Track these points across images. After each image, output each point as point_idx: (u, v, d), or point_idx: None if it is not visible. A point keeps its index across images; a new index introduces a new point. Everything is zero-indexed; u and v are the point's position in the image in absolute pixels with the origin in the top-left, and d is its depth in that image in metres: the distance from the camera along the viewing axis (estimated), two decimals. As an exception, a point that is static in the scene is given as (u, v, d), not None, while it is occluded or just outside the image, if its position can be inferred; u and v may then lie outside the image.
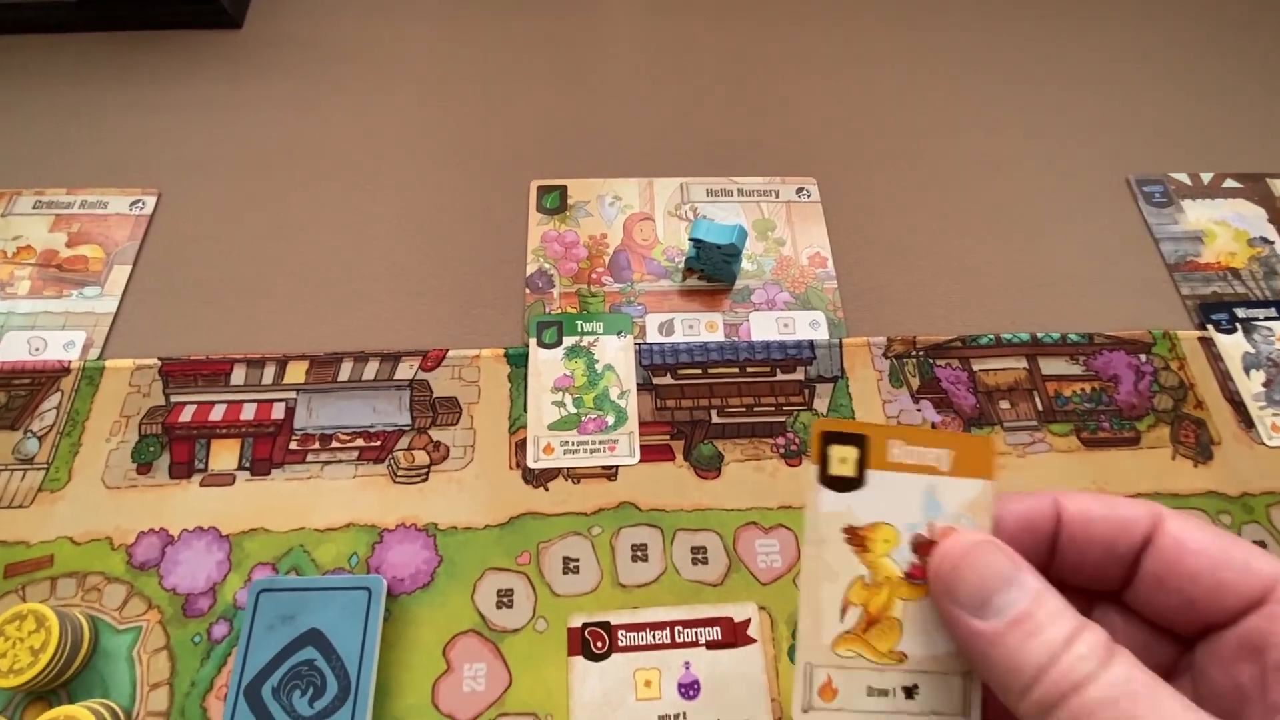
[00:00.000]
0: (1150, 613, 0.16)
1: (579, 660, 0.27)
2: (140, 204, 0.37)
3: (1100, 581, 0.17)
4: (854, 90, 0.44)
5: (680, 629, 0.27)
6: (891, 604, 0.17)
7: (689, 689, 0.27)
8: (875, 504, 0.17)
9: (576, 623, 0.27)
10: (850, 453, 0.17)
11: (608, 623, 0.27)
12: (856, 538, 0.17)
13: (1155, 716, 0.13)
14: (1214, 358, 0.35)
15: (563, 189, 0.39)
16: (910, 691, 0.17)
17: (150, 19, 0.43)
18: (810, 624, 0.17)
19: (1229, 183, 0.41)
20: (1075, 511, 0.16)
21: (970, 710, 0.17)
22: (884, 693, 0.17)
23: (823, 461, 0.17)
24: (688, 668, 0.27)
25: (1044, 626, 0.14)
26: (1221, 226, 0.39)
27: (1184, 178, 0.41)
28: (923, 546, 0.17)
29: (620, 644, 0.27)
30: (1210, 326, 0.35)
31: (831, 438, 0.17)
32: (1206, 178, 0.41)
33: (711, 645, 0.27)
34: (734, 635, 0.27)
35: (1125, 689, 0.13)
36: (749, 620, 0.28)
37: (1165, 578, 0.16)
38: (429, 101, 0.42)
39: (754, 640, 0.27)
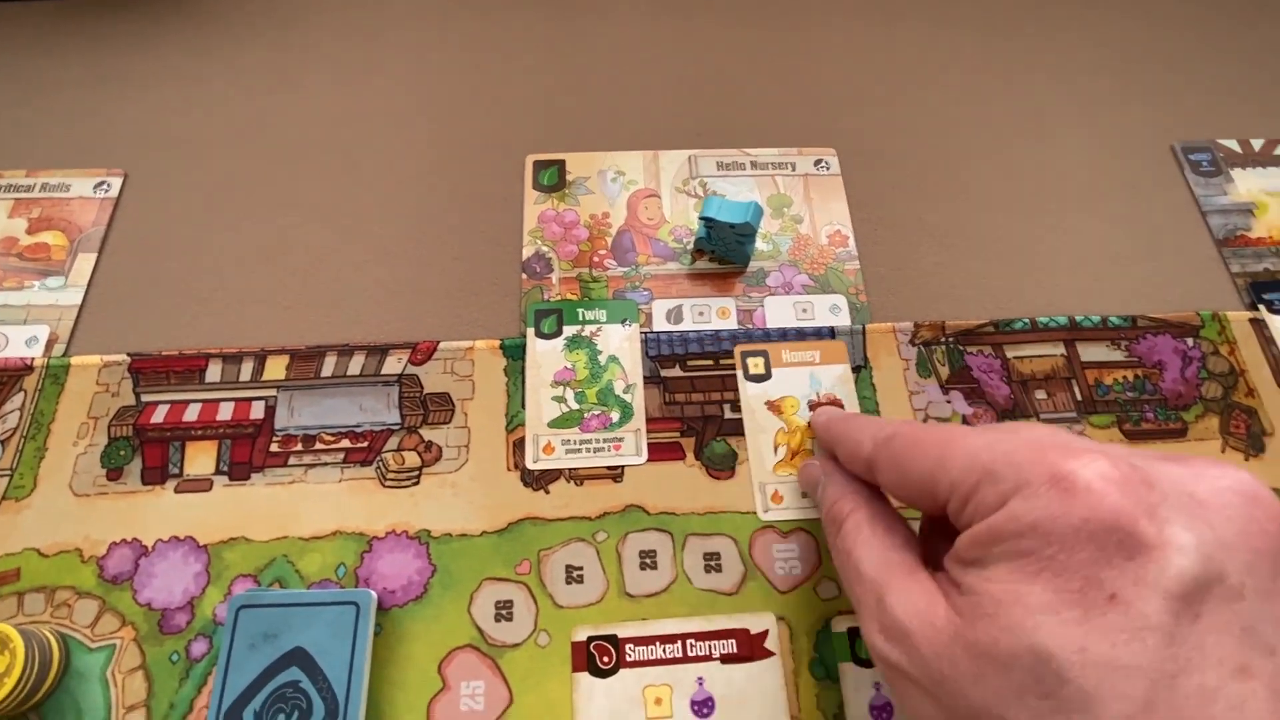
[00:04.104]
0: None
1: (584, 676, 0.25)
2: (105, 186, 0.34)
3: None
4: (877, 53, 0.40)
5: (693, 642, 0.26)
6: (804, 441, 0.29)
7: (702, 706, 0.25)
8: (780, 386, 0.30)
9: (581, 636, 0.26)
10: (759, 360, 0.30)
11: (614, 636, 0.26)
12: (774, 406, 0.29)
13: (862, 544, 0.21)
14: (1267, 341, 0.32)
15: (561, 164, 0.36)
16: None
17: (113, -17, 0.40)
18: (757, 460, 0.28)
19: (1282, 149, 0.37)
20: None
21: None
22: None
23: (744, 368, 0.30)
24: (701, 684, 0.25)
25: (831, 496, 0.24)
26: (1274, 197, 0.36)
27: (1233, 144, 0.38)
28: (815, 406, 0.29)
29: (628, 659, 0.25)
30: (1263, 307, 0.33)
31: (746, 353, 0.30)
32: (1258, 144, 0.38)
33: (726, 659, 0.25)
34: (750, 648, 0.26)
35: (853, 528, 0.22)
36: (766, 632, 0.26)
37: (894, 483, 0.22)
38: (415, 70, 0.39)
39: (772, 653, 0.25)
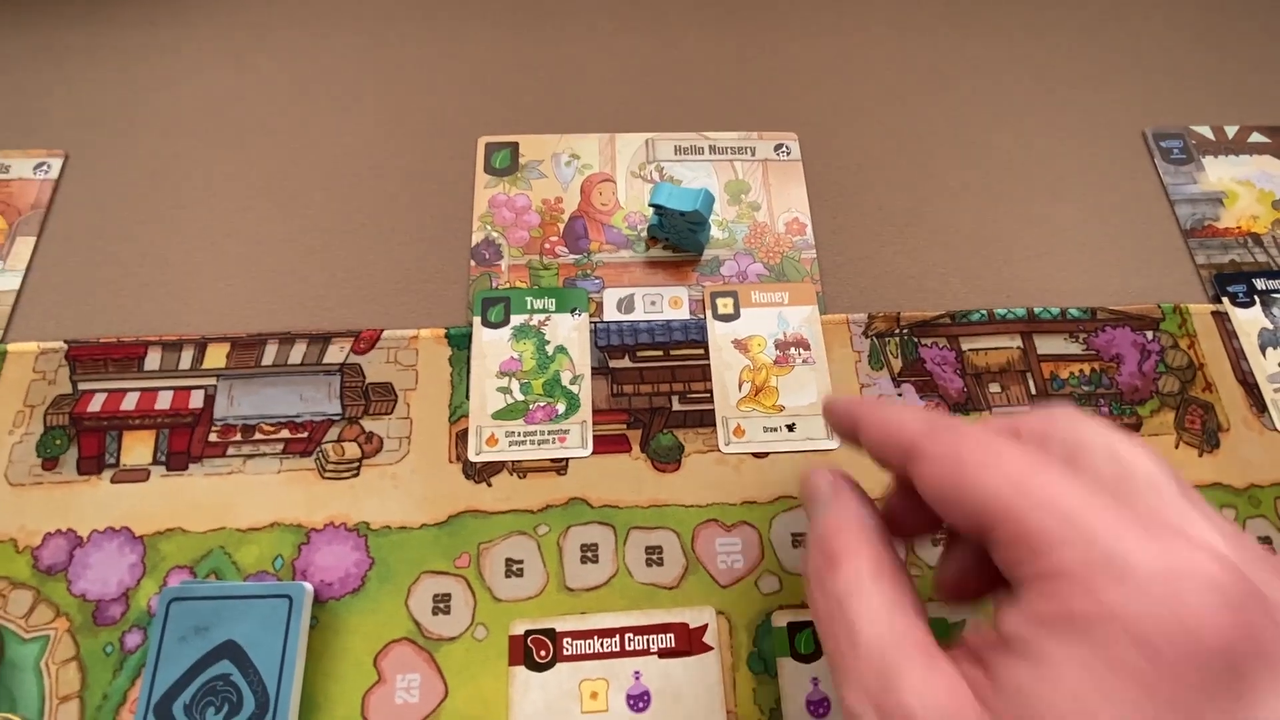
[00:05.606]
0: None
1: (520, 670, 0.25)
2: (45, 167, 0.33)
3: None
4: (840, 36, 0.39)
5: (631, 636, 0.25)
6: (769, 378, 0.29)
7: (638, 701, 0.25)
8: (749, 325, 0.30)
9: (518, 630, 0.25)
10: (728, 301, 0.31)
11: (552, 630, 0.25)
12: (740, 344, 0.30)
13: (861, 598, 0.17)
14: (1228, 334, 0.32)
15: (514, 146, 0.35)
16: (791, 427, 0.28)
17: (56, -47, 0.39)
18: (721, 395, 0.29)
19: (1256, 136, 0.37)
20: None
21: (831, 437, 0.28)
22: (774, 429, 0.28)
23: (713, 308, 0.30)
24: (638, 678, 0.25)
25: (830, 524, 0.19)
26: (1245, 186, 0.35)
27: (1206, 131, 0.37)
28: (781, 345, 0.30)
29: (565, 653, 0.25)
30: (1226, 299, 0.32)
31: (715, 294, 0.31)
32: (1231, 131, 0.37)
33: (664, 653, 0.25)
34: (689, 642, 0.25)
35: (853, 574, 0.18)
36: (705, 626, 0.26)
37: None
38: (364, 47, 0.38)
39: (710, 648, 0.25)
